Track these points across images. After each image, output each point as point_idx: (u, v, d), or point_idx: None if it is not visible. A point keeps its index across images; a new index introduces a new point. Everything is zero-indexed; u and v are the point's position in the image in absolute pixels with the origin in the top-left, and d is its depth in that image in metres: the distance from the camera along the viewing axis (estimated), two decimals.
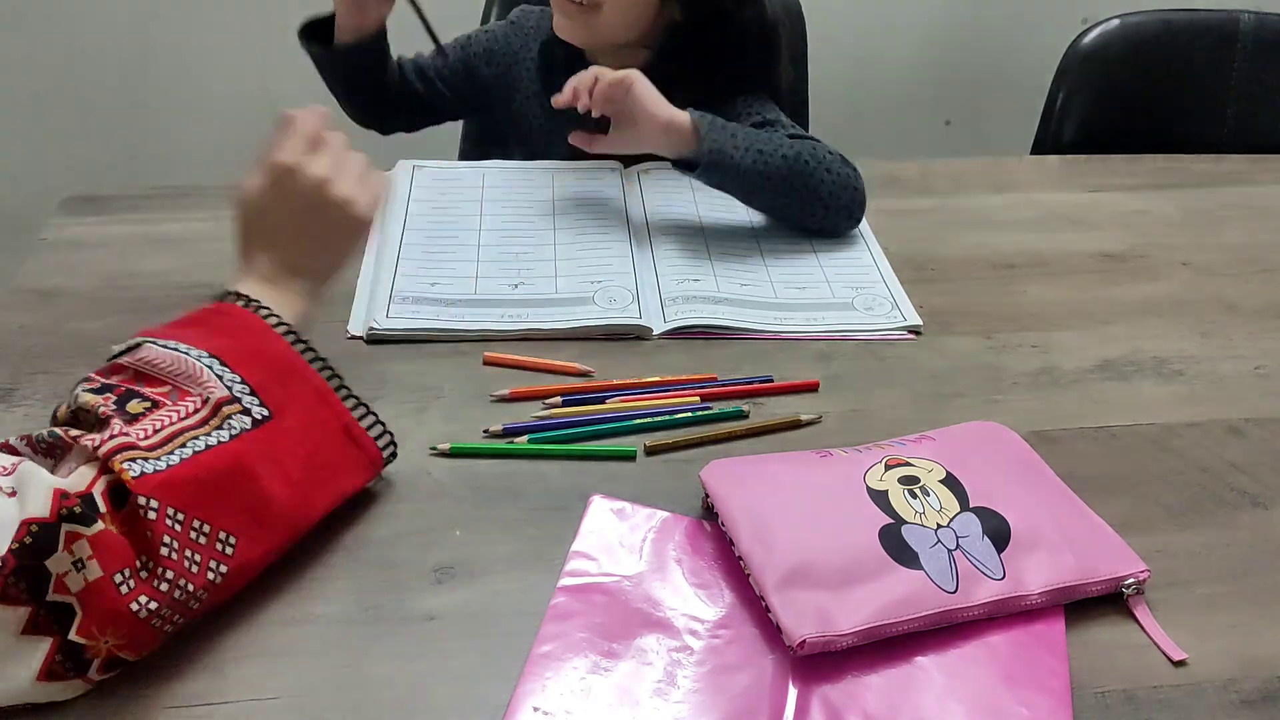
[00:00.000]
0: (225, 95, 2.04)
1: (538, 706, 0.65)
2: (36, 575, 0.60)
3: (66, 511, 0.61)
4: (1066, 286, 1.12)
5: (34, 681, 0.61)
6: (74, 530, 0.61)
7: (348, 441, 0.77)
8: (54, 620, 0.60)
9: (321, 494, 0.74)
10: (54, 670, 0.61)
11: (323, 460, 0.75)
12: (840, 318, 1.04)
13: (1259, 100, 1.59)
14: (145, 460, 0.65)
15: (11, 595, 0.59)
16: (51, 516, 0.60)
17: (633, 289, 1.06)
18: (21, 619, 0.60)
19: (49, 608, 0.60)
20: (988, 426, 0.87)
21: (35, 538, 0.60)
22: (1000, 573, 0.72)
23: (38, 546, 0.60)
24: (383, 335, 0.99)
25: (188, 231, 1.15)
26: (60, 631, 0.61)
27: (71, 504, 0.61)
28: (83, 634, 0.61)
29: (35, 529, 0.60)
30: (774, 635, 0.69)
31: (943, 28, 2.18)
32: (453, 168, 1.28)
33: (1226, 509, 0.84)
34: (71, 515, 0.61)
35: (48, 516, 0.60)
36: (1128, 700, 0.68)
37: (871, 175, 1.31)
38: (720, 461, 0.80)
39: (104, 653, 0.62)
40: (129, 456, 0.64)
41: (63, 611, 0.61)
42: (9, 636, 0.60)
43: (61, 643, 0.61)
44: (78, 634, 0.61)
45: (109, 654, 0.63)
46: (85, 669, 0.62)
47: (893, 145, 2.19)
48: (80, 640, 0.61)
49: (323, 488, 0.75)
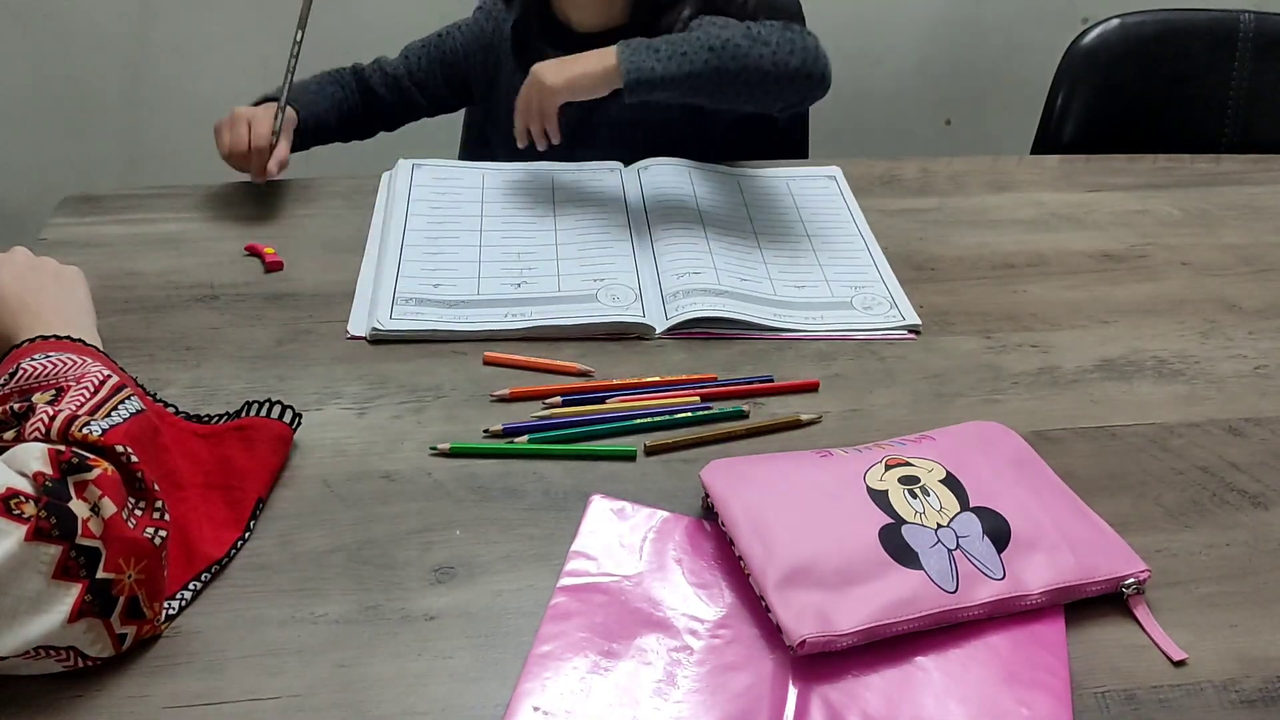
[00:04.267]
0: (225, 95, 2.02)
1: (538, 706, 0.65)
2: (65, 515, 0.63)
3: (66, 465, 0.64)
4: (1066, 286, 1.12)
5: (64, 625, 0.63)
6: (80, 479, 0.64)
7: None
8: (82, 565, 0.63)
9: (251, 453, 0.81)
10: (84, 609, 0.64)
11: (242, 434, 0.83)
12: (839, 317, 1.04)
13: (1259, 100, 1.59)
14: (95, 422, 0.69)
15: (44, 530, 0.62)
16: (56, 473, 0.64)
17: (635, 287, 1.06)
18: (54, 559, 0.63)
19: (78, 550, 0.63)
20: (988, 426, 0.87)
21: (52, 487, 0.63)
22: (1000, 573, 0.72)
23: (58, 492, 0.63)
24: (385, 336, 0.99)
25: (187, 231, 1.15)
26: (88, 575, 0.64)
27: (67, 457, 0.65)
28: (110, 569, 0.64)
29: (49, 483, 0.63)
30: (774, 635, 0.69)
31: (943, 27, 2.18)
32: (452, 167, 1.28)
33: (1226, 509, 0.84)
34: (71, 467, 0.64)
35: (53, 473, 0.64)
36: (1128, 700, 0.68)
37: (871, 175, 1.32)
38: (720, 461, 0.80)
39: (127, 589, 0.65)
40: (82, 423, 0.68)
41: (90, 555, 0.64)
42: (42, 580, 0.62)
43: (90, 584, 0.64)
44: (105, 570, 0.64)
45: (130, 591, 0.65)
46: (110, 609, 0.65)
47: (893, 145, 2.18)
48: (108, 576, 0.64)
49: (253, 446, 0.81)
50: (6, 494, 0.61)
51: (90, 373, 0.75)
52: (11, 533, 0.61)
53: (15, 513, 0.61)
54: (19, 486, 0.62)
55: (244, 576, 0.74)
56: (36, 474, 0.63)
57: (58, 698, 0.65)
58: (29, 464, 0.64)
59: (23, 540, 0.61)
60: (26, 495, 0.62)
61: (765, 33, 1.13)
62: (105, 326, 0.98)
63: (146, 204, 1.19)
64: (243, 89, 2.05)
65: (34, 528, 0.62)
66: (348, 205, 1.21)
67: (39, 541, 0.62)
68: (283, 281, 1.07)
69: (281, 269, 1.08)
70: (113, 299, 1.02)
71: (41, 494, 0.63)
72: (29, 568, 0.61)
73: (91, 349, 0.81)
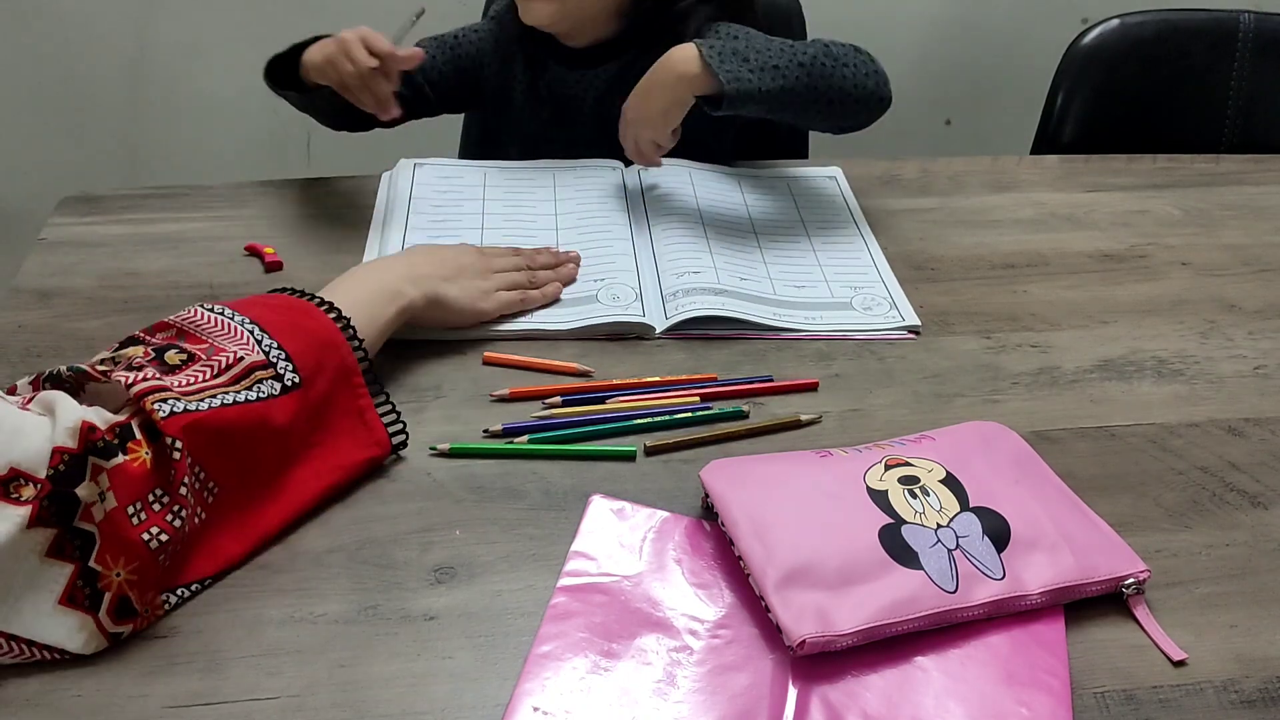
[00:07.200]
0: (225, 95, 2.04)
1: (537, 706, 0.65)
2: (67, 501, 0.63)
3: (90, 445, 0.64)
4: (1066, 286, 1.12)
5: (55, 606, 0.64)
6: (97, 463, 0.65)
7: (358, 422, 0.81)
8: (76, 546, 0.64)
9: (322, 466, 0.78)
10: (73, 595, 0.64)
11: (332, 434, 0.80)
12: (839, 318, 1.04)
13: (1259, 100, 1.59)
14: (176, 402, 0.69)
15: (43, 518, 0.62)
16: (79, 448, 0.64)
17: (635, 287, 1.06)
18: (47, 540, 0.63)
19: (73, 534, 0.64)
20: (988, 426, 0.87)
21: (67, 466, 0.63)
22: (1000, 573, 0.72)
23: (69, 474, 0.63)
24: None
25: (186, 231, 1.14)
26: (81, 558, 0.64)
27: (96, 438, 0.65)
28: (99, 562, 0.65)
29: (66, 458, 0.63)
30: (774, 635, 0.69)
31: (943, 27, 2.18)
32: (454, 166, 1.28)
33: (1226, 509, 0.84)
34: (94, 449, 0.65)
35: (75, 448, 0.64)
36: (1128, 700, 0.68)
37: (871, 175, 1.32)
38: (720, 461, 0.80)
39: (115, 587, 0.65)
40: (160, 398, 0.68)
41: (85, 539, 0.64)
42: (35, 559, 0.63)
43: (82, 568, 0.64)
44: (95, 561, 0.64)
45: (120, 590, 0.65)
46: (99, 603, 0.65)
47: (893, 145, 2.18)
48: (96, 568, 0.64)
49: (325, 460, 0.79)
50: (8, 475, 0.62)
51: (236, 348, 0.76)
52: (9, 518, 0.61)
53: (13, 495, 0.62)
54: (21, 466, 0.62)
55: (243, 576, 0.74)
56: (55, 449, 0.63)
57: (58, 697, 0.65)
58: (59, 425, 0.64)
59: (23, 527, 0.61)
60: (27, 477, 0.62)
61: (840, 53, 1.14)
62: (105, 326, 0.98)
63: (146, 204, 1.19)
64: (243, 89, 2.06)
65: (35, 514, 0.62)
66: (348, 205, 1.21)
67: (37, 527, 0.62)
68: (283, 281, 1.06)
69: (281, 269, 1.08)
70: (113, 299, 1.02)
71: (49, 479, 0.63)
72: (23, 550, 0.62)
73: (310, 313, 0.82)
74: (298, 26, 1.25)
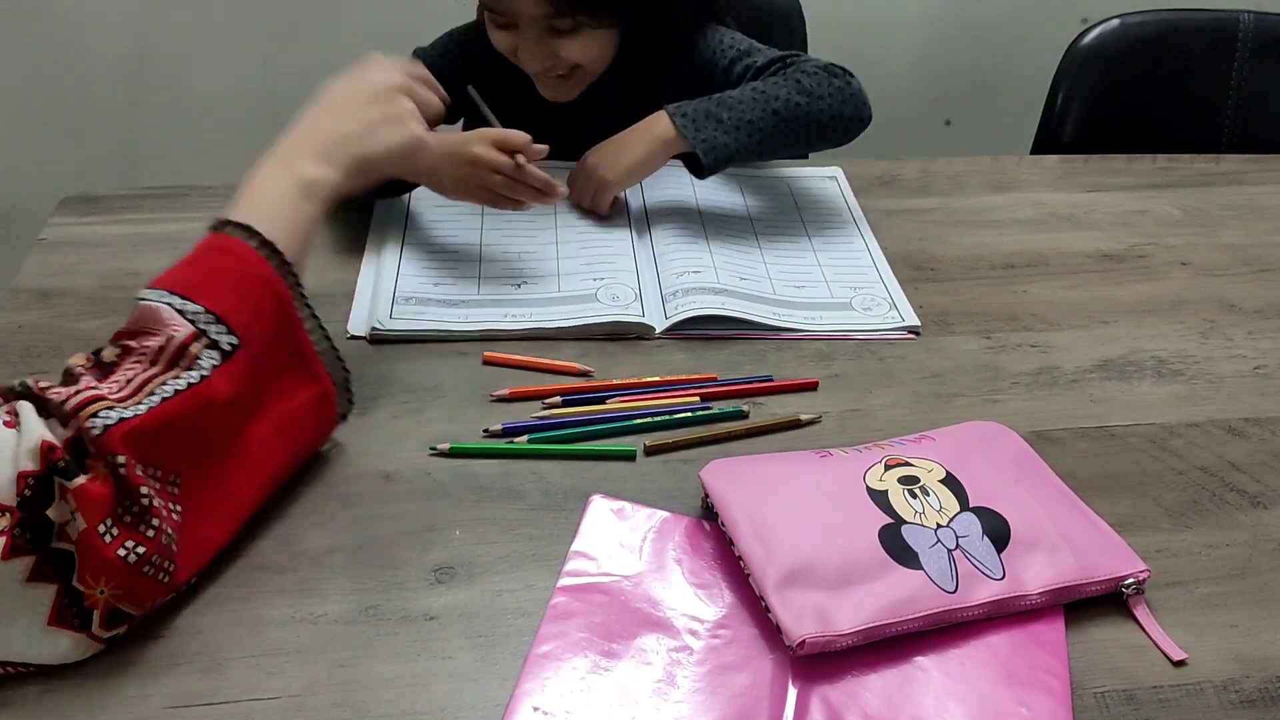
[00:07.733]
0: (224, 95, 2.04)
1: (537, 706, 0.65)
2: (40, 525, 0.62)
3: (52, 465, 0.62)
4: (1066, 286, 1.12)
5: (45, 628, 0.62)
6: (62, 484, 0.62)
7: (298, 360, 0.77)
8: (57, 567, 0.62)
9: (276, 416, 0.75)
10: (62, 615, 0.63)
11: (277, 380, 0.76)
12: (838, 318, 1.04)
13: (1259, 100, 1.59)
14: (112, 410, 0.65)
15: (18, 547, 0.61)
16: (41, 469, 0.62)
17: (635, 286, 1.06)
18: (27, 567, 0.62)
19: (52, 555, 0.62)
20: (988, 426, 0.87)
21: (33, 490, 0.62)
22: (1000, 573, 0.72)
23: (36, 498, 0.62)
24: (386, 335, 0.98)
25: (186, 231, 1.13)
26: (63, 578, 0.63)
27: (57, 458, 0.62)
28: (81, 582, 0.63)
29: (31, 482, 0.62)
30: (774, 635, 0.69)
31: (943, 27, 2.18)
32: None
33: (1226, 509, 0.84)
34: (56, 469, 0.62)
35: (38, 469, 0.62)
36: (1127, 700, 0.68)
37: (871, 175, 1.32)
38: (720, 461, 0.80)
39: (102, 604, 0.64)
40: (94, 410, 0.64)
41: (65, 559, 0.63)
42: (17, 586, 0.61)
43: (66, 588, 0.63)
44: (77, 582, 0.63)
45: (108, 605, 0.64)
46: (89, 620, 0.64)
47: (893, 145, 2.18)
48: (79, 589, 0.63)
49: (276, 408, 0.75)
50: None
51: (162, 329, 0.70)
52: None
53: None
54: None
55: (243, 576, 0.74)
56: (20, 474, 0.61)
57: (58, 697, 0.65)
58: (22, 444, 0.62)
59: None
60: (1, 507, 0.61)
61: (814, 84, 1.14)
62: (105, 326, 0.97)
63: (146, 204, 1.19)
64: (243, 89, 2.06)
65: (8, 546, 0.60)
66: (348, 205, 1.20)
67: (14, 558, 0.61)
68: None
69: None
70: (113, 299, 1.02)
71: (18, 506, 0.61)
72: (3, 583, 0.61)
73: (246, 255, 0.75)
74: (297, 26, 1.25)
